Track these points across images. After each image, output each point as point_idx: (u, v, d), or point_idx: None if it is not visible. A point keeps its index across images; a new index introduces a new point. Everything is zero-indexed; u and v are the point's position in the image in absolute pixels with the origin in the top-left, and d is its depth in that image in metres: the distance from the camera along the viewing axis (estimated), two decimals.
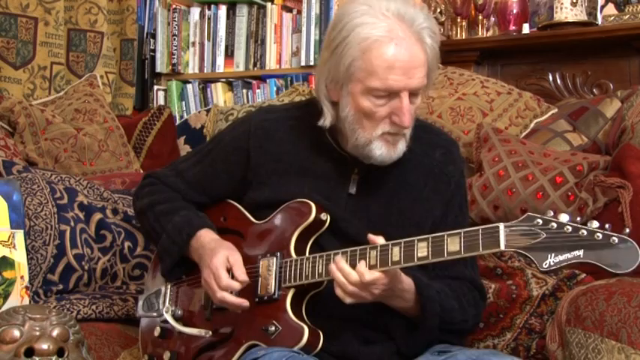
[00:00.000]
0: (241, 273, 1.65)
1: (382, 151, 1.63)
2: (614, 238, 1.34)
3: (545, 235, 1.38)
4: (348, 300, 1.53)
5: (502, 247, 1.41)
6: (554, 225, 1.38)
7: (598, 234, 1.34)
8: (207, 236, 1.75)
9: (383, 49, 1.55)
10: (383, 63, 1.55)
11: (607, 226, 1.35)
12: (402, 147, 1.64)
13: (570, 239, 1.36)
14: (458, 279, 1.71)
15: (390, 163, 1.67)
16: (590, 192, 2.13)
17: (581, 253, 1.35)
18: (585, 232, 1.35)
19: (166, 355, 1.78)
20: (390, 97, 1.58)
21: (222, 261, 1.66)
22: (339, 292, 1.53)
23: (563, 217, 1.38)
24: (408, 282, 1.58)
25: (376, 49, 1.56)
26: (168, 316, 1.79)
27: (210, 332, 1.72)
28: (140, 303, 1.89)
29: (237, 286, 1.65)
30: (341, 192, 1.70)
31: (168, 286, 1.85)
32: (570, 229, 1.37)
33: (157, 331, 1.84)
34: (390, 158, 1.64)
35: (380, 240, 1.53)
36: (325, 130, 1.69)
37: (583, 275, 1.97)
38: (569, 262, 1.36)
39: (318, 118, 1.68)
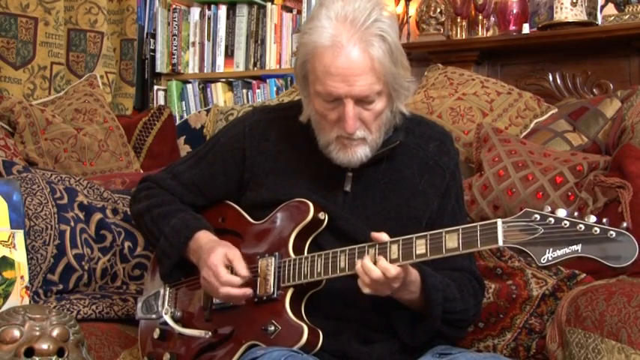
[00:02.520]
0: (242, 267, 1.66)
1: (339, 154, 1.64)
2: (611, 232, 1.34)
3: (543, 230, 1.38)
4: (366, 290, 1.53)
5: (500, 242, 1.41)
6: (552, 220, 1.38)
7: (596, 228, 1.35)
8: (205, 237, 1.75)
9: (323, 55, 1.57)
10: (323, 69, 1.57)
11: (604, 220, 1.36)
12: (361, 152, 1.64)
13: (568, 234, 1.36)
14: (457, 270, 1.71)
15: (382, 158, 1.68)
16: (590, 192, 2.13)
17: (579, 247, 1.35)
18: (583, 227, 1.36)
19: (166, 356, 1.78)
20: (336, 102, 1.59)
21: (220, 258, 1.67)
22: (360, 282, 1.53)
23: (561, 213, 1.38)
24: (414, 273, 1.59)
25: (318, 55, 1.58)
26: (167, 318, 1.78)
27: (210, 333, 1.72)
28: (139, 305, 1.90)
29: (237, 281, 1.65)
30: (337, 190, 1.71)
31: (167, 288, 1.85)
32: (568, 223, 1.37)
33: (156, 333, 1.83)
34: (349, 162, 1.65)
35: (384, 237, 1.53)
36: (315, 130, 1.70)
37: (583, 275, 1.97)
38: (568, 257, 1.37)
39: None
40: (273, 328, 1.60)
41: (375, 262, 1.52)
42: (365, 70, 1.56)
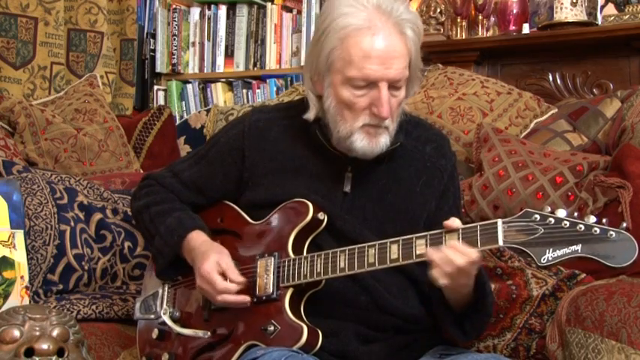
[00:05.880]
0: (235, 275, 1.66)
1: (363, 143, 1.62)
2: (611, 232, 1.34)
3: (543, 230, 1.39)
4: (444, 281, 1.47)
5: (500, 242, 1.41)
6: (552, 220, 1.38)
7: (595, 229, 1.35)
8: (198, 239, 1.75)
9: (360, 37, 1.56)
10: (359, 52, 1.56)
11: (604, 220, 1.36)
12: (384, 141, 1.63)
13: (568, 234, 1.37)
14: None
15: (381, 159, 1.68)
16: (590, 192, 2.13)
17: (579, 247, 1.36)
18: (583, 227, 1.36)
19: (164, 356, 1.78)
20: (369, 87, 1.59)
21: (212, 266, 1.66)
22: (438, 272, 1.47)
23: (561, 213, 1.38)
24: None
25: (353, 38, 1.57)
26: (166, 318, 1.78)
27: (209, 333, 1.72)
28: (137, 305, 1.89)
29: (234, 287, 1.65)
30: (336, 190, 1.71)
31: (166, 288, 1.85)
32: (568, 224, 1.37)
33: (154, 333, 1.83)
34: (371, 151, 1.64)
35: (457, 223, 1.48)
36: (317, 128, 1.69)
37: (583, 275, 1.97)
38: (568, 257, 1.37)
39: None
40: (272, 328, 1.60)
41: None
42: (402, 53, 1.58)
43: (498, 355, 1.87)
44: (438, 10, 3.40)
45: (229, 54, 3.81)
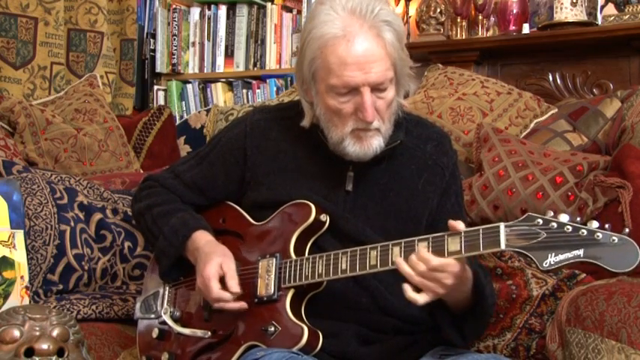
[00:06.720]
0: (234, 284, 1.65)
1: (355, 147, 1.63)
2: (614, 237, 1.34)
3: (545, 234, 1.38)
4: (421, 300, 1.47)
5: (502, 246, 1.41)
6: (555, 225, 1.38)
7: (598, 234, 1.35)
8: (202, 238, 1.75)
9: (336, 46, 1.57)
10: (337, 59, 1.57)
11: (607, 225, 1.36)
12: (377, 143, 1.64)
13: (570, 239, 1.36)
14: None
15: (381, 158, 1.68)
16: (590, 192, 2.13)
17: (581, 252, 1.35)
18: (585, 232, 1.36)
19: (164, 356, 1.78)
20: (352, 93, 1.59)
21: (214, 270, 1.66)
22: (410, 293, 1.47)
23: (563, 217, 1.38)
24: (469, 270, 1.55)
25: (330, 47, 1.58)
26: (166, 317, 1.78)
27: (209, 333, 1.72)
28: (138, 305, 1.89)
29: (228, 296, 1.65)
30: (338, 190, 1.71)
31: (167, 288, 1.85)
32: (570, 228, 1.37)
33: (154, 333, 1.83)
34: (364, 154, 1.64)
35: (460, 226, 1.48)
36: (317, 130, 1.69)
37: (583, 275, 1.97)
38: (570, 262, 1.37)
39: None
40: (273, 329, 1.60)
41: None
42: (380, 56, 1.58)
43: (498, 355, 1.87)
44: (438, 10, 3.40)
45: (229, 54, 3.81)
